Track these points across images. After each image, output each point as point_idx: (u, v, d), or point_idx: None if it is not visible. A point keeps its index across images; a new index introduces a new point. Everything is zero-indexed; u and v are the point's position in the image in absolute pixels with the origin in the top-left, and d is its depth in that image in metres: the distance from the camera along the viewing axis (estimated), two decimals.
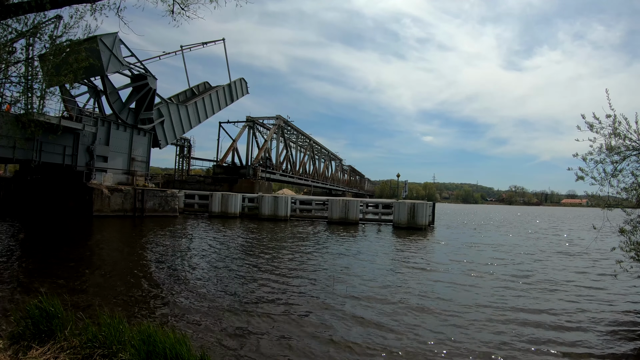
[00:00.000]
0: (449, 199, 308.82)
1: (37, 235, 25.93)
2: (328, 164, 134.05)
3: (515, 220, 72.04)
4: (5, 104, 20.34)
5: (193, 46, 57.08)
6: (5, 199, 42.66)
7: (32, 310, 7.53)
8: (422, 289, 14.25)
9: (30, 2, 13.69)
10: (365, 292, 13.52)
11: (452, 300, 12.90)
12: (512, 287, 15.27)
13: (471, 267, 19.27)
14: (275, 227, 36.66)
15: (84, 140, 37.67)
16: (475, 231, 43.18)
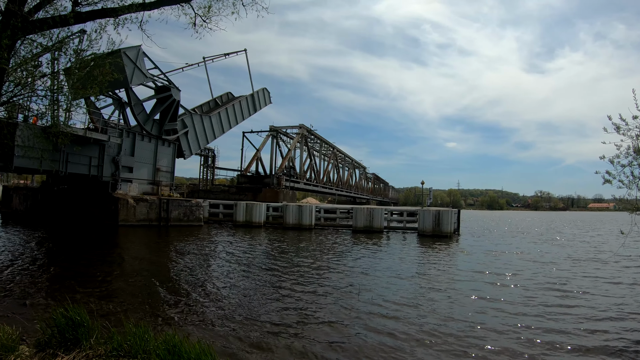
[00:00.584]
0: (474, 205, 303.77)
1: (64, 244, 26.22)
2: (352, 172, 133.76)
3: (541, 226, 70.58)
4: (32, 116, 20.64)
5: (215, 57, 57.49)
6: (33, 208, 43.56)
7: (58, 318, 7.46)
8: (446, 301, 13.77)
9: (55, 17, 13.85)
10: (387, 307, 12.97)
11: (475, 315, 12.29)
12: (540, 300, 14.43)
13: (497, 278, 18.62)
14: (300, 236, 36.50)
15: (110, 151, 38.12)
16: (501, 238, 42.41)
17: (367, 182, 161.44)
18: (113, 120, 41.37)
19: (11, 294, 13.15)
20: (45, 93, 15.63)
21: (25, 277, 15.75)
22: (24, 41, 13.90)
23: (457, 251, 28.77)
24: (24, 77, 14.14)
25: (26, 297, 12.53)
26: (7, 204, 48.47)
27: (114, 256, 22.37)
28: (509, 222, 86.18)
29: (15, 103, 15.83)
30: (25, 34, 13.30)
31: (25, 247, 24.13)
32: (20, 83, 14.07)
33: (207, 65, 56.09)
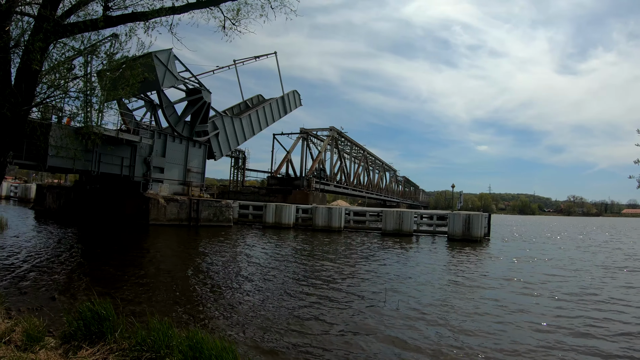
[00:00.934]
0: (505, 210, 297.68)
1: (95, 241, 26.87)
2: (382, 175, 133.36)
3: (573, 232, 69.10)
4: (66, 117, 21.21)
5: (246, 60, 58.20)
6: (65, 206, 44.72)
7: (85, 312, 7.69)
8: (472, 309, 13.44)
9: (86, 21, 14.28)
10: (413, 312, 12.91)
11: (502, 325, 11.89)
12: (569, 310, 13.88)
13: (526, 285, 18.17)
14: (329, 238, 36.50)
15: (141, 152, 38.98)
16: (532, 244, 41.61)
17: (398, 185, 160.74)
18: (145, 122, 42.23)
19: (41, 287, 13.60)
20: (77, 95, 16.10)
21: (55, 272, 16.24)
22: (57, 44, 14.33)
23: (486, 257, 28.29)
24: (57, 79, 14.57)
25: (55, 291, 12.95)
26: (41, 202, 49.65)
27: (143, 254, 22.84)
28: (540, 228, 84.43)
29: (49, 104, 16.27)
30: (57, 38, 13.71)
31: (57, 243, 24.81)
32: (53, 85, 14.49)
33: (237, 68, 56.97)
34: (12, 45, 13.60)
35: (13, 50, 13.76)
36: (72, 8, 14.44)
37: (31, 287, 13.49)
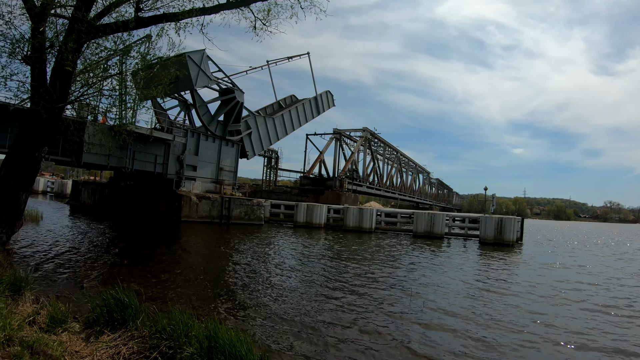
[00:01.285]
0: (540, 214, 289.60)
1: (127, 236, 27.68)
2: (415, 177, 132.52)
3: (608, 239, 67.15)
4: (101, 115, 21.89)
5: (279, 60, 58.69)
6: (100, 202, 46.14)
7: (108, 299, 8.08)
8: (499, 318, 12.80)
9: (117, 22, 14.79)
10: (437, 318, 12.53)
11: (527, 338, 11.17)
12: (601, 324, 13.03)
13: (555, 295, 17.29)
14: (359, 238, 36.53)
15: (175, 150, 39.83)
16: (564, 250, 40.67)
17: (431, 187, 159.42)
18: (179, 121, 43.11)
19: (71, 276, 14.22)
20: (110, 93, 16.67)
21: (86, 263, 16.90)
22: (90, 45, 14.86)
23: (517, 262, 27.61)
24: (91, 78, 15.12)
25: (85, 281, 13.49)
26: (76, 197, 51.22)
27: (172, 249, 23.37)
28: (574, 234, 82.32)
29: (83, 102, 16.86)
30: (90, 39, 14.24)
31: (90, 237, 25.71)
32: (87, 84, 15.04)
33: (270, 68, 57.47)
34: (47, 45, 14.19)
35: (48, 50, 14.35)
36: (104, 10, 14.96)
37: (62, 276, 14.12)
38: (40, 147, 14.89)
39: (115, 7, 15.11)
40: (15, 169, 14.40)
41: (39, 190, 77.39)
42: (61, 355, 6.31)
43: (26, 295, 8.90)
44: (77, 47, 13.53)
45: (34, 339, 6.49)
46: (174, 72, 17.63)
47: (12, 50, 13.54)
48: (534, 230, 78.70)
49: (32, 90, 14.15)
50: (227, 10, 19.01)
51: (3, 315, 6.78)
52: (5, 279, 8.86)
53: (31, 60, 13.77)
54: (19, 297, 8.71)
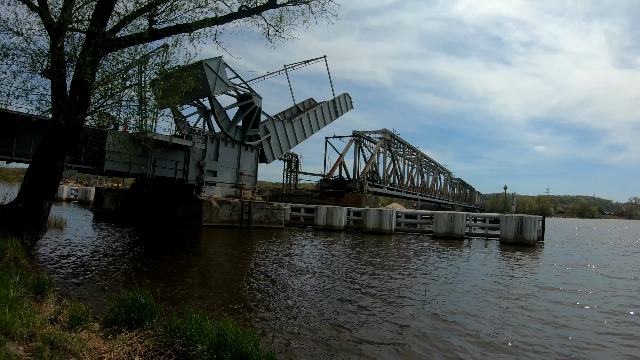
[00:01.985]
0: (564, 212, 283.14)
1: (149, 240, 28.34)
2: (437, 177, 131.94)
3: (633, 237, 65.63)
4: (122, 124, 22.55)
5: (296, 65, 59.09)
6: (122, 208, 47.36)
7: (126, 300, 8.56)
8: (510, 323, 12.26)
9: (132, 35, 15.38)
10: (451, 323, 12.18)
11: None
12: (617, 326, 12.55)
13: (575, 296, 16.61)
14: (379, 240, 36.62)
15: (195, 156, 40.58)
16: (586, 249, 39.74)
17: (453, 187, 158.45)
18: (198, 127, 43.84)
19: (94, 280, 14.81)
20: (128, 104, 17.24)
21: (108, 268, 17.50)
22: (107, 57, 15.45)
23: (537, 263, 26.93)
24: (109, 90, 15.70)
25: (106, 284, 14.06)
26: (100, 204, 52.64)
27: (192, 253, 23.85)
28: (597, 232, 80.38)
29: (103, 112, 17.43)
30: (107, 52, 14.84)
31: (113, 242, 26.46)
32: (106, 95, 15.63)
33: (288, 72, 57.87)
34: (66, 59, 14.82)
35: (67, 64, 14.98)
36: (119, 24, 15.55)
37: (85, 280, 14.72)
38: (62, 157, 15.53)
39: (130, 21, 15.67)
40: (39, 178, 15.07)
41: (63, 197, 79.01)
42: (80, 351, 6.75)
43: (49, 297, 9.44)
44: (94, 60, 14.11)
45: (54, 335, 6.94)
46: (190, 81, 18.09)
47: (33, 65, 14.18)
48: (557, 229, 77.42)
49: (52, 103, 14.80)
50: (239, 19, 19.57)
51: (27, 314, 7.27)
52: (30, 282, 9.40)
53: (51, 74, 14.41)
54: (43, 298, 9.25)
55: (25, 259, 11.71)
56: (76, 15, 15.32)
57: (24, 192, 15.15)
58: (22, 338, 6.52)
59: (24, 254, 12.15)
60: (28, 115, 23.88)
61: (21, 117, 24.50)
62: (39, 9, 14.73)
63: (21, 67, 14.09)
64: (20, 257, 11.07)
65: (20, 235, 14.25)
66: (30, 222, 15.02)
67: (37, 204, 15.09)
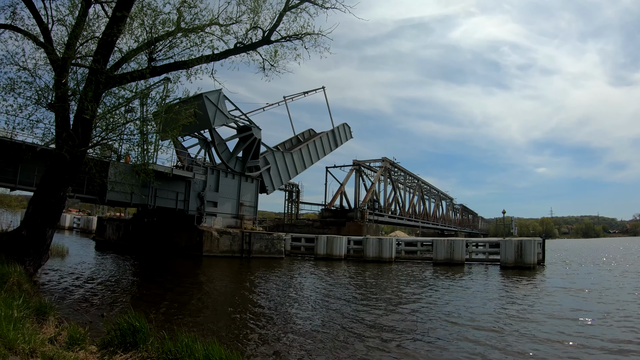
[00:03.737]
0: (569, 233, 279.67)
1: (149, 269, 28.88)
2: (439, 204, 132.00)
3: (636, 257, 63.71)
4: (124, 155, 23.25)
5: (295, 96, 60.17)
6: (124, 238, 47.78)
7: (122, 323, 9.10)
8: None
9: (133, 73, 16.22)
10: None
11: None
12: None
13: (574, 326, 15.85)
14: (379, 269, 36.58)
15: (195, 187, 41.22)
16: (588, 271, 39.29)
17: (455, 213, 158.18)
18: (200, 159, 44.50)
19: (94, 306, 15.33)
20: (129, 137, 17.92)
21: (109, 295, 18.05)
22: (109, 93, 16.25)
23: (535, 288, 26.45)
24: (111, 124, 16.43)
25: (105, 310, 14.54)
26: (102, 233, 53.12)
27: (191, 282, 24.21)
28: (600, 252, 79.00)
29: (105, 145, 18.14)
30: (108, 88, 15.63)
31: (114, 270, 27.00)
32: (107, 129, 16.35)
33: (287, 103, 58.93)
34: (70, 94, 15.60)
35: (71, 98, 15.77)
36: (120, 60, 16.40)
37: (85, 305, 15.26)
38: (65, 187, 16.19)
39: (131, 58, 16.51)
40: (42, 207, 15.71)
41: (66, 226, 79.05)
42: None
43: (50, 319, 9.95)
44: (96, 95, 14.87)
45: (53, 353, 7.46)
46: (189, 114, 18.87)
47: (38, 99, 14.94)
48: (559, 251, 76.71)
49: (56, 135, 15.52)
50: (235, 55, 20.45)
51: (29, 332, 7.80)
52: (32, 305, 9.94)
53: (55, 108, 15.19)
54: (44, 320, 9.77)
55: (28, 284, 12.25)
56: (80, 51, 16.17)
57: (28, 220, 15.78)
58: (24, 354, 7.05)
59: (27, 279, 12.70)
60: (32, 145, 24.55)
61: (26, 147, 25.18)
62: (44, 45, 15.61)
63: (27, 100, 14.81)
64: (23, 282, 11.62)
65: (23, 261, 14.82)
66: (33, 249, 15.61)
67: (40, 232, 15.70)
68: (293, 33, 20.58)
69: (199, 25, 17.61)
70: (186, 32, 17.24)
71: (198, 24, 17.57)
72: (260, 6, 19.52)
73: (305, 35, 20.68)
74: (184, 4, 17.64)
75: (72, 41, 15.57)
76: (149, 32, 16.62)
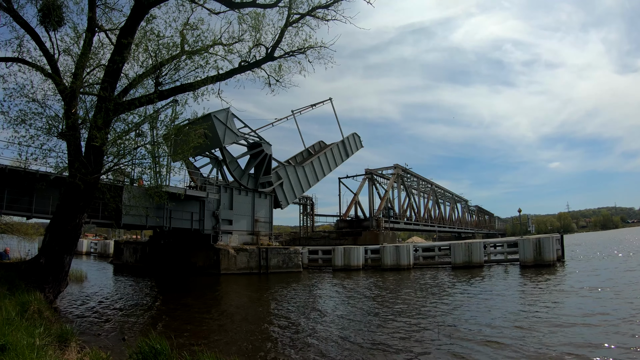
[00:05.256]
0: (587, 227, 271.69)
1: (167, 291, 28.95)
2: (454, 207, 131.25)
3: None
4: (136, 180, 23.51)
5: (303, 109, 60.56)
6: (141, 260, 48.27)
7: (143, 347, 9.21)
8: None
9: (141, 98, 16.49)
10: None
11: None
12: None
13: (593, 325, 15.23)
14: (397, 277, 36.38)
15: (209, 206, 41.47)
16: (606, 265, 38.06)
17: (471, 215, 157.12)
18: (212, 178, 44.79)
19: (115, 330, 15.47)
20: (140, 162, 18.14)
21: (129, 317, 18.20)
22: (118, 119, 16.50)
23: (555, 287, 25.61)
24: (122, 149, 16.65)
25: (126, 334, 14.67)
26: (119, 256, 53.63)
27: (210, 301, 24.41)
28: (618, 244, 76.61)
29: (117, 170, 18.36)
30: (117, 114, 15.89)
31: (133, 293, 27.24)
32: (119, 155, 16.57)
33: (296, 117, 59.27)
34: (80, 122, 15.88)
35: (81, 126, 16.05)
36: (128, 86, 16.67)
37: (106, 330, 15.41)
38: (80, 214, 16.43)
39: (138, 83, 16.77)
40: (59, 235, 15.95)
41: (83, 251, 79.51)
42: None
43: (72, 345, 10.08)
44: (106, 122, 15.12)
45: None
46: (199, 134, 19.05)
47: (49, 129, 15.21)
48: (578, 246, 75.69)
49: (69, 164, 15.78)
50: (240, 73, 20.70)
51: None
52: (53, 332, 10.09)
53: (66, 136, 15.47)
54: (66, 347, 9.90)
55: (49, 311, 12.42)
56: (87, 80, 16.47)
57: (45, 248, 16.03)
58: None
59: (47, 306, 12.88)
60: (46, 173, 24.88)
61: (39, 176, 25.54)
62: (52, 76, 15.95)
63: (38, 130, 15.07)
64: (43, 309, 11.79)
65: (43, 289, 15.05)
66: (52, 277, 15.84)
67: (58, 259, 15.93)
68: (296, 47, 20.78)
69: (203, 47, 17.85)
70: (190, 54, 17.46)
71: (201, 45, 17.82)
72: (260, 22, 19.78)
73: (308, 49, 20.86)
74: (186, 26, 17.92)
75: (79, 70, 15.87)
76: (153, 57, 16.89)
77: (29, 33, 16.62)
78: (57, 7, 16.92)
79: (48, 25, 16.89)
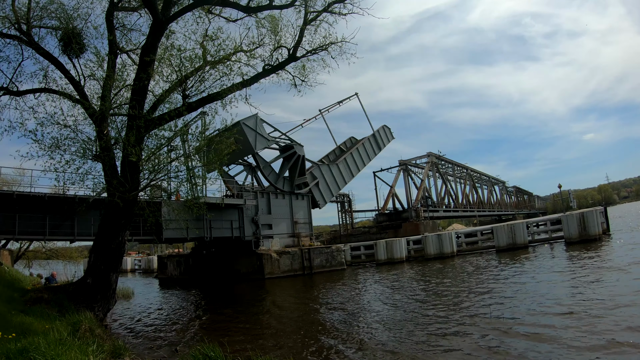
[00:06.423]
0: (629, 197, 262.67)
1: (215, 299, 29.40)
2: (491, 190, 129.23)
3: None
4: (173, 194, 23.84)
5: (330, 107, 60.54)
6: (185, 272, 49.21)
7: (197, 355, 9.29)
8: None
9: (170, 112, 16.68)
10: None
11: None
12: None
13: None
14: (442, 265, 36.08)
15: (248, 213, 41.78)
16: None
17: (510, 196, 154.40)
18: (247, 185, 45.10)
19: (166, 342, 15.74)
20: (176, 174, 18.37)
21: (179, 329, 18.51)
22: (150, 135, 16.74)
23: (605, 262, 24.52)
24: (157, 164, 16.88)
25: (178, 345, 14.87)
26: (163, 270, 54.88)
27: (258, 305, 24.60)
28: None
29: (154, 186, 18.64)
30: (149, 130, 16.11)
31: (180, 304, 27.72)
32: (154, 170, 16.80)
33: (324, 116, 59.25)
34: (113, 142, 16.18)
35: (114, 146, 16.35)
36: (156, 102, 16.88)
37: (158, 342, 15.71)
38: (123, 232, 16.74)
39: (166, 97, 16.97)
40: (103, 254, 16.29)
41: (128, 269, 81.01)
42: None
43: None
44: (138, 140, 15.35)
45: None
46: (231, 142, 19.20)
47: (83, 153, 15.52)
48: (623, 217, 72.76)
49: (107, 184, 16.08)
50: (265, 77, 20.77)
51: None
52: (106, 348, 10.25)
53: (101, 158, 15.78)
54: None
55: (100, 328, 12.66)
56: (115, 101, 16.79)
57: (91, 268, 16.40)
58: None
59: (98, 324, 13.15)
60: (85, 196, 25.43)
61: (79, 199, 26.16)
62: (80, 102, 16.34)
63: (72, 155, 15.38)
64: (94, 327, 12.02)
65: (92, 308, 15.40)
66: (100, 295, 16.20)
67: (105, 278, 16.28)
68: (317, 45, 20.73)
69: (225, 56, 17.93)
70: (213, 64, 17.56)
71: (223, 54, 17.90)
72: (278, 25, 19.81)
73: (329, 45, 20.79)
74: (205, 37, 18.07)
75: (107, 93, 16.21)
76: (177, 71, 17.06)
77: (52, 63, 17.08)
78: (77, 35, 17.38)
79: (70, 53, 17.37)
